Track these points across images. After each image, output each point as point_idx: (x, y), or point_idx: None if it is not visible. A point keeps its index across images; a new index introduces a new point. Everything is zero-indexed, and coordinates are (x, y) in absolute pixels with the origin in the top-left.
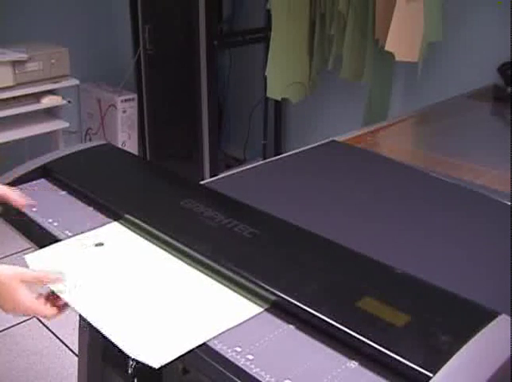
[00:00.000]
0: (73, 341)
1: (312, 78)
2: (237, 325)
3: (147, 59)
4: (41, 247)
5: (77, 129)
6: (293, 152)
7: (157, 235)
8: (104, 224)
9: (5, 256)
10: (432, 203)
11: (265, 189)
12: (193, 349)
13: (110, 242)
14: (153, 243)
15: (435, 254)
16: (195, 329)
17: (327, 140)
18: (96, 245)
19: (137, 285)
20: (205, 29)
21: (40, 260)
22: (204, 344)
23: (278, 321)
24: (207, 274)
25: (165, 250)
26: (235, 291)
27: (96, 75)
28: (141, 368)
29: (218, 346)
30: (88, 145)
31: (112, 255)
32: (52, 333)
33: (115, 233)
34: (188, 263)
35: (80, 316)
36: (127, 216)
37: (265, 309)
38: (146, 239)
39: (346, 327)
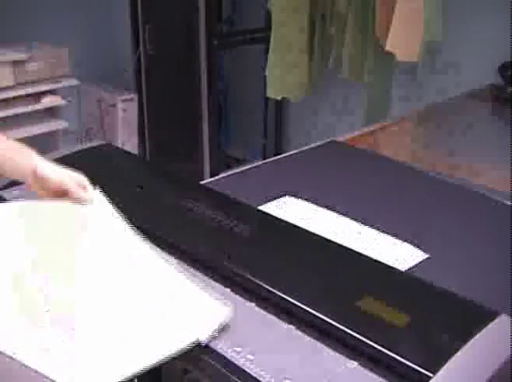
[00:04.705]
0: None
1: (312, 78)
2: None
3: (147, 59)
4: None
5: (77, 129)
6: (293, 152)
7: (157, 235)
8: None
9: None
10: (432, 203)
11: (265, 189)
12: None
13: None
14: (152, 243)
15: (434, 254)
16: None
17: (327, 140)
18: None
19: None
20: (205, 29)
21: None
22: (205, 344)
23: (278, 321)
24: (206, 274)
25: (164, 250)
26: (234, 291)
27: (96, 75)
28: None
29: (218, 346)
30: (88, 145)
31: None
32: None
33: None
34: (187, 263)
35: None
36: (127, 215)
37: (265, 309)
38: (145, 239)
39: (346, 327)
